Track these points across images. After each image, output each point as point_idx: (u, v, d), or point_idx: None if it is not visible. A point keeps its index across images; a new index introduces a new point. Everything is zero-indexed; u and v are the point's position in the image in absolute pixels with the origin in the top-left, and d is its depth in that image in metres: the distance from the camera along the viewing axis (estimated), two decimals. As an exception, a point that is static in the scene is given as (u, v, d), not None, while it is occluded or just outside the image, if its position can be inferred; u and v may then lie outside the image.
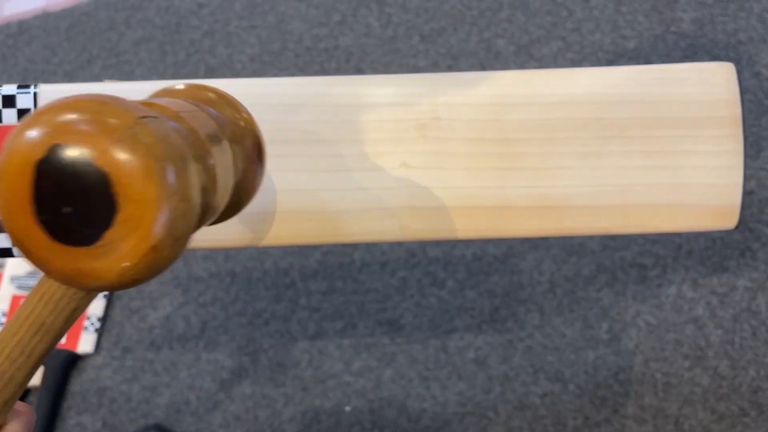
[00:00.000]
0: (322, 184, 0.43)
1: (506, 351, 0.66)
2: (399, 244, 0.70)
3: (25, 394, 0.68)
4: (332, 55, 0.81)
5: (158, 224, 0.26)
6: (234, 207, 0.37)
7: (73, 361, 0.69)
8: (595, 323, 0.66)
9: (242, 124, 0.37)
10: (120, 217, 0.26)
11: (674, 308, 0.66)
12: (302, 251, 0.70)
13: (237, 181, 0.36)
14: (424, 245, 0.70)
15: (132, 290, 0.73)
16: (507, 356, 0.66)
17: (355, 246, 0.70)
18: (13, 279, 0.70)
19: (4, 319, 0.68)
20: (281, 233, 0.43)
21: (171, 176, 0.27)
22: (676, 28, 0.74)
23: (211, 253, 0.73)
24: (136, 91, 0.43)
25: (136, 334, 0.70)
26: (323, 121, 0.43)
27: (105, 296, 0.70)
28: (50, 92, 0.43)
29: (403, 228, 0.44)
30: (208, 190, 0.30)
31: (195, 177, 0.28)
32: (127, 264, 0.26)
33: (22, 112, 0.42)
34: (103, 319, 0.69)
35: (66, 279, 0.28)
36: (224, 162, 0.33)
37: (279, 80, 0.44)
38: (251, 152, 0.37)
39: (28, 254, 0.28)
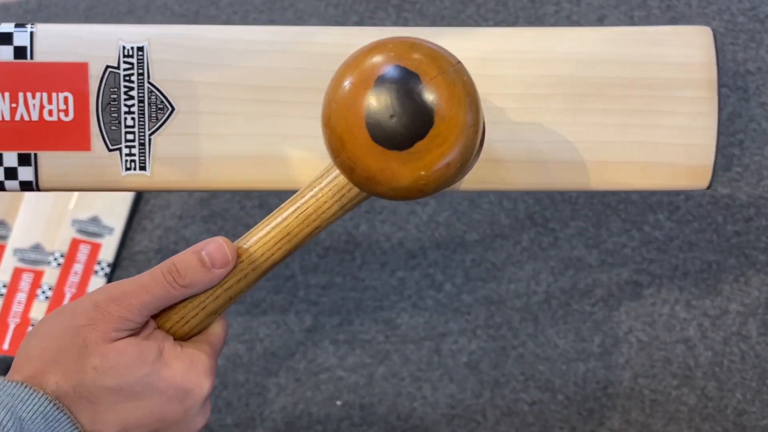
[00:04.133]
0: (314, 130, 0.44)
1: (498, 357, 0.67)
2: (400, 245, 0.71)
3: None
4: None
5: (457, 145, 0.33)
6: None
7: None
8: (588, 336, 0.67)
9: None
10: (432, 132, 0.32)
11: (666, 327, 0.67)
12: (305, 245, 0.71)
13: None
14: (424, 248, 0.71)
15: (132, 270, 0.74)
16: (499, 362, 0.67)
17: (356, 243, 0.71)
18: (16, 252, 0.71)
19: (4, 291, 0.69)
20: (268, 176, 0.45)
21: (473, 110, 0.34)
22: (686, 54, 0.75)
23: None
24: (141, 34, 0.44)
25: (134, 315, 0.71)
26: (314, 70, 0.45)
27: (106, 275, 0.71)
28: (46, 31, 0.44)
29: None
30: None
31: (482, 119, 0.35)
32: (423, 173, 0.33)
33: (18, 50, 0.44)
34: (103, 298, 0.70)
35: (367, 177, 0.34)
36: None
37: (272, 28, 0.46)
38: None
39: (343, 150, 0.34)
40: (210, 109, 0.45)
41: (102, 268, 0.71)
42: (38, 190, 0.44)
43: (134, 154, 0.44)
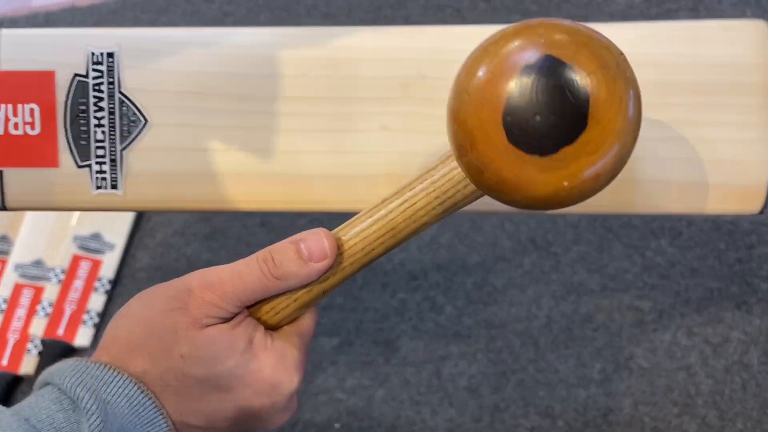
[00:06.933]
0: (295, 145, 0.41)
1: (499, 382, 0.67)
2: (401, 266, 0.71)
3: None
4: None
5: (611, 154, 0.28)
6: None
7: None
8: (589, 362, 0.67)
9: None
10: (583, 138, 0.27)
11: (667, 354, 0.67)
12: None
13: None
14: (426, 270, 0.71)
15: (132, 287, 0.74)
16: (499, 387, 0.67)
17: (358, 264, 0.71)
18: (17, 267, 0.71)
19: (4, 306, 0.69)
20: (251, 196, 0.42)
21: (635, 113, 0.28)
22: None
23: (214, 258, 0.73)
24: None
25: (133, 332, 0.71)
26: (297, 76, 0.40)
27: (106, 291, 0.71)
28: (11, 37, 0.41)
29: (380, 197, 0.40)
30: None
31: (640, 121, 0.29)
32: (567, 183, 0.28)
33: None
34: (102, 315, 0.70)
35: (497, 182, 0.29)
36: None
37: (247, 30, 0.41)
38: None
39: (473, 150, 0.29)
40: (188, 121, 0.41)
41: (102, 285, 0.70)
42: (5, 209, 0.42)
43: (105, 171, 0.41)
